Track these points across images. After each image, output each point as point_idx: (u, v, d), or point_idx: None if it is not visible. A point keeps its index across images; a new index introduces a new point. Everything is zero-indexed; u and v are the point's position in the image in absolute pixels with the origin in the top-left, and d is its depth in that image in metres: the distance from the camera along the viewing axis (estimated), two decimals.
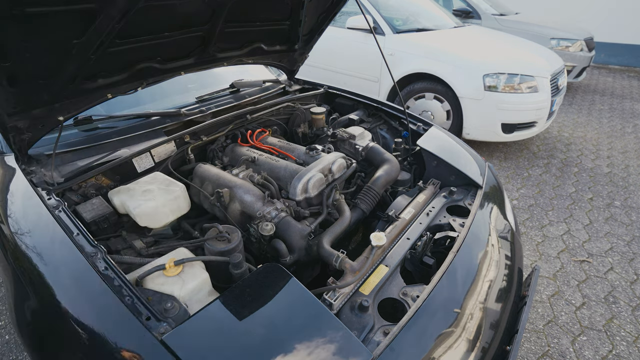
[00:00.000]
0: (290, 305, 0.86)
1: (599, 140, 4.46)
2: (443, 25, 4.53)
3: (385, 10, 4.24)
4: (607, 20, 8.19)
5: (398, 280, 1.07)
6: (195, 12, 1.35)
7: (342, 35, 4.23)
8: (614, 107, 5.62)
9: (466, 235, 1.21)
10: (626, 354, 1.89)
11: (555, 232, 2.82)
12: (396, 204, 1.41)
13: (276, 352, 0.75)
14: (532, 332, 1.99)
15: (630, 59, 8.15)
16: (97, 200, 1.18)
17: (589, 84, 6.85)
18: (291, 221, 1.22)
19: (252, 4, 1.51)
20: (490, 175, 1.61)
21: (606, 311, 2.13)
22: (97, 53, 1.15)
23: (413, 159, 1.76)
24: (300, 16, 1.74)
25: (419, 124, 1.86)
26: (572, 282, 2.34)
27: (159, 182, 1.26)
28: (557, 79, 3.91)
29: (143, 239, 1.16)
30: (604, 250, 2.63)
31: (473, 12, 6.06)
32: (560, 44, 5.78)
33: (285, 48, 1.96)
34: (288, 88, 2.20)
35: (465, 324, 0.99)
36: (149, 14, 1.17)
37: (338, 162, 1.45)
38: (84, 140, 1.41)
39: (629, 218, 3.00)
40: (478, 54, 3.78)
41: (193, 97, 1.86)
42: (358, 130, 1.77)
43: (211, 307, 0.82)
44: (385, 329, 0.90)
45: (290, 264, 1.18)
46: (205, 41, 1.53)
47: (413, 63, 3.83)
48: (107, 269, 0.86)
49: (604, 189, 3.42)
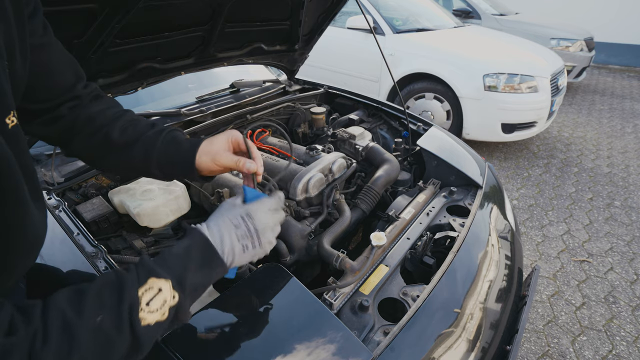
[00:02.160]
0: (290, 305, 0.86)
1: (599, 140, 4.46)
2: (443, 25, 4.53)
3: (385, 10, 4.24)
4: (607, 20, 8.19)
5: (398, 280, 1.07)
6: (195, 12, 1.35)
7: (342, 35, 4.23)
8: (614, 107, 5.62)
9: (466, 235, 1.21)
10: (626, 354, 1.89)
11: (555, 232, 2.82)
12: (396, 204, 1.42)
13: (276, 352, 0.75)
14: (532, 332, 1.99)
15: (631, 59, 8.15)
16: (97, 200, 1.18)
17: (589, 84, 6.85)
18: (291, 221, 1.22)
19: (252, 4, 1.51)
20: (490, 175, 1.61)
21: (606, 311, 2.14)
22: (97, 53, 1.15)
23: (413, 159, 1.76)
24: (300, 16, 1.74)
25: (419, 124, 1.86)
26: (572, 282, 2.34)
27: (159, 182, 1.26)
28: (557, 79, 3.91)
29: (143, 239, 1.16)
30: (604, 250, 2.63)
31: (473, 12, 6.06)
32: (560, 44, 5.79)
33: (285, 48, 1.95)
34: (288, 88, 2.20)
35: (465, 323, 0.99)
36: (149, 13, 1.17)
37: (338, 162, 1.45)
38: None
39: (629, 218, 3.00)
40: (478, 54, 3.78)
41: (193, 97, 1.86)
42: (358, 130, 1.77)
43: (211, 307, 0.82)
44: (386, 329, 0.90)
45: (290, 264, 1.18)
46: (205, 41, 1.53)
47: (413, 63, 3.83)
48: (108, 268, 0.86)
49: (604, 189, 3.43)
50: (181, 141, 0.73)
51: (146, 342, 0.49)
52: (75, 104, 0.70)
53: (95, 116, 0.70)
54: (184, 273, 0.54)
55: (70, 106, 0.69)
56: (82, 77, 0.72)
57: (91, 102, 0.72)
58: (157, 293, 0.50)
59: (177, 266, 0.54)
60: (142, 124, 0.74)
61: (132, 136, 0.71)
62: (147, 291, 0.49)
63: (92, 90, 0.74)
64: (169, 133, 0.74)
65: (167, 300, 0.51)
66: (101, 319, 0.44)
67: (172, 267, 0.54)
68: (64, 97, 0.68)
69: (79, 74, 0.71)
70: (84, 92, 0.71)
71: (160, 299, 0.50)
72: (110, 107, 0.74)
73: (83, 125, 0.70)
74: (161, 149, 0.71)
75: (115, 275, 0.50)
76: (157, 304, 0.49)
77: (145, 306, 0.48)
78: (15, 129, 0.49)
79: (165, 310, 0.50)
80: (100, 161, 0.76)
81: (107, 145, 0.71)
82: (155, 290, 0.50)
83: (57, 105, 0.68)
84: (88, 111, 0.70)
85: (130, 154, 0.71)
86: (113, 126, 0.70)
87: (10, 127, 0.48)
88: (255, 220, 0.63)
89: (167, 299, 0.51)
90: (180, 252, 0.57)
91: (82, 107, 0.70)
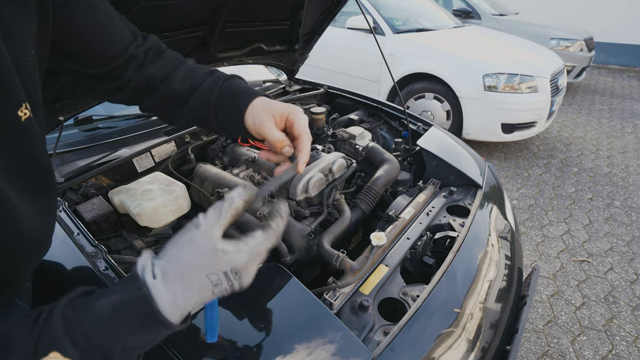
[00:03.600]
0: (290, 305, 0.86)
1: (599, 140, 4.46)
2: (443, 25, 4.53)
3: (385, 10, 4.24)
4: (607, 20, 8.19)
5: (398, 280, 1.07)
6: (195, 12, 1.35)
7: (342, 35, 4.23)
8: (613, 107, 5.63)
9: (466, 235, 1.22)
10: (626, 354, 1.89)
11: (555, 232, 2.82)
12: (396, 204, 1.42)
13: (276, 352, 0.75)
14: (532, 332, 1.99)
15: (630, 59, 8.15)
16: (97, 200, 1.18)
17: (589, 84, 6.85)
18: (291, 221, 1.22)
19: (252, 4, 1.51)
20: (490, 175, 1.61)
21: (606, 311, 2.14)
22: None
23: (413, 159, 1.76)
24: (300, 16, 1.74)
25: (419, 124, 1.86)
26: (572, 282, 2.34)
27: (159, 182, 1.26)
28: (557, 79, 3.92)
29: (143, 238, 1.16)
30: (603, 250, 2.63)
31: (473, 12, 6.06)
32: (560, 44, 5.79)
33: (285, 48, 1.96)
34: (288, 88, 2.20)
35: (465, 323, 0.99)
36: (148, 13, 1.17)
37: (338, 162, 1.45)
38: (84, 140, 1.42)
39: (628, 218, 3.00)
40: (478, 54, 3.78)
41: None
42: (358, 130, 1.77)
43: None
44: (386, 329, 0.91)
45: (290, 264, 1.18)
46: (205, 41, 1.53)
47: (413, 63, 3.83)
48: (108, 268, 0.86)
49: (603, 189, 3.43)
50: (237, 92, 0.66)
51: None
52: (137, 64, 0.67)
53: (155, 74, 0.68)
54: (106, 345, 0.39)
55: (133, 67, 0.67)
56: (137, 35, 0.68)
57: (152, 58, 0.69)
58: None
59: (98, 336, 0.39)
60: (201, 73, 0.69)
61: (191, 86, 0.67)
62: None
63: (151, 46, 0.70)
64: (226, 81, 0.68)
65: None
66: None
67: (90, 337, 0.39)
68: (121, 60, 0.65)
69: (131, 34, 0.67)
70: (141, 51, 0.67)
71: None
72: (170, 60, 0.71)
73: (147, 86, 0.68)
74: (219, 101, 0.66)
75: (3, 337, 0.38)
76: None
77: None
78: (28, 122, 0.46)
79: None
80: (171, 117, 0.73)
81: (171, 100, 0.68)
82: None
83: (114, 68, 0.65)
84: (149, 70, 0.68)
85: (193, 106, 0.67)
86: (172, 79, 0.68)
87: (23, 120, 0.45)
88: (243, 277, 0.45)
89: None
90: (106, 313, 0.40)
91: (144, 66, 0.68)
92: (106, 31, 0.62)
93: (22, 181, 0.48)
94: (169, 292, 0.41)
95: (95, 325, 0.39)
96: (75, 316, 0.39)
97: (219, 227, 0.44)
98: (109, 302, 0.40)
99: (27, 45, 0.46)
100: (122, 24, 0.66)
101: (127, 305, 0.40)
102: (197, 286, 0.42)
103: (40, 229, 0.52)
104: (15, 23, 0.44)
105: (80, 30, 0.58)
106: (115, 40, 0.64)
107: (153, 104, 0.71)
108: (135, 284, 0.41)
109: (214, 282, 0.42)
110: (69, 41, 0.57)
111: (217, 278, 0.42)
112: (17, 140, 0.46)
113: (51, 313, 0.39)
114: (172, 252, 0.43)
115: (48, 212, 0.56)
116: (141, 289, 0.41)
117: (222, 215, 0.45)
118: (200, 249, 0.42)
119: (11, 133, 0.45)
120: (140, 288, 0.41)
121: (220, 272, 0.42)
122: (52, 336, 0.38)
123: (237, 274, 0.43)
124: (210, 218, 0.45)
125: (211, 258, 0.42)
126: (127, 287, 0.42)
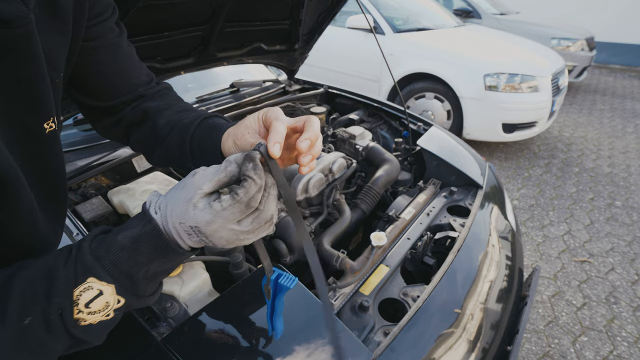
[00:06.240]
0: (291, 305, 0.86)
1: (600, 140, 4.45)
2: (443, 24, 4.52)
3: (386, 9, 4.24)
4: (608, 20, 8.18)
5: (398, 280, 1.07)
6: (195, 11, 1.35)
7: (342, 35, 4.23)
8: (615, 107, 5.62)
9: (467, 236, 1.21)
10: (627, 355, 1.88)
11: (556, 232, 2.81)
12: (396, 204, 1.41)
13: (276, 352, 0.75)
14: (533, 333, 1.98)
15: (632, 59, 8.14)
16: (96, 200, 1.18)
17: (590, 84, 6.84)
18: (291, 221, 1.22)
19: (252, 3, 1.51)
20: (491, 175, 1.61)
21: (607, 312, 2.13)
22: None
23: (413, 159, 1.76)
24: (300, 16, 1.74)
25: (419, 123, 1.85)
26: (573, 283, 2.33)
27: (159, 181, 1.26)
28: (557, 79, 3.91)
29: None
30: (605, 251, 2.62)
31: (473, 11, 6.06)
32: (561, 44, 5.78)
33: (285, 48, 1.95)
34: (288, 88, 2.20)
35: (466, 324, 0.98)
36: (148, 13, 1.17)
37: (338, 162, 1.44)
38: (84, 140, 1.41)
39: (630, 218, 2.99)
40: (479, 54, 3.78)
41: (193, 97, 1.86)
42: (358, 130, 1.77)
43: (211, 307, 0.82)
44: (386, 329, 0.90)
45: (290, 264, 1.17)
46: (205, 41, 1.53)
47: (413, 63, 3.83)
48: None
49: (604, 189, 3.42)
50: (214, 125, 0.63)
51: (90, 338, 0.45)
52: (139, 103, 0.69)
53: (149, 109, 0.69)
54: (131, 271, 0.45)
55: (134, 106, 0.69)
56: (152, 79, 0.72)
57: (153, 98, 0.71)
58: (97, 294, 0.43)
59: (123, 264, 0.45)
60: (185, 112, 0.69)
61: (171, 124, 0.66)
62: (85, 291, 0.43)
63: (161, 89, 0.73)
64: (206, 119, 0.65)
65: (110, 303, 0.44)
66: (29, 322, 0.40)
67: (117, 264, 0.44)
68: (129, 97, 0.68)
69: (146, 77, 0.71)
70: (150, 92, 0.71)
71: (101, 302, 0.44)
72: (169, 100, 0.72)
73: (139, 120, 0.69)
74: (194, 135, 0.64)
75: (47, 270, 0.43)
76: (98, 306, 0.44)
77: (84, 307, 0.43)
78: (52, 134, 0.51)
79: (110, 312, 0.45)
80: (150, 153, 0.72)
81: (154, 136, 0.68)
82: (95, 291, 0.43)
83: (121, 103, 0.68)
84: (145, 105, 0.69)
85: (169, 143, 0.66)
86: (160, 115, 0.68)
87: (47, 132, 0.50)
88: (209, 238, 0.46)
89: (110, 302, 0.44)
90: (127, 244, 0.45)
91: (145, 102, 0.70)
92: (123, 69, 0.67)
93: (42, 191, 0.52)
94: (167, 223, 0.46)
95: (121, 254, 0.45)
96: (102, 248, 0.45)
97: (210, 182, 0.45)
98: (129, 234, 0.46)
99: (60, 67, 0.52)
100: (141, 68, 0.70)
101: (143, 237, 0.46)
102: (179, 229, 0.45)
103: (51, 236, 0.56)
104: (54, 47, 0.50)
105: (99, 62, 0.63)
106: (130, 79, 0.68)
107: (138, 139, 0.71)
108: (145, 218, 0.46)
109: (187, 232, 0.45)
110: (86, 72, 0.62)
111: (188, 228, 0.45)
112: (40, 150, 0.51)
113: (80, 248, 0.45)
114: (170, 192, 0.47)
115: (60, 220, 0.59)
116: (150, 222, 0.46)
117: (218, 173, 0.46)
118: (183, 196, 0.45)
119: (36, 144, 0.50)
120: (150, 222, 0.46)
121: (187, 224, 0.44)
122: (86, 265, 0.43)
123: (198, 233, 0.45)
124: (207, 171, 0.47)
125: (184, 207, 0.44)
126: (141, 222, 0.47)
